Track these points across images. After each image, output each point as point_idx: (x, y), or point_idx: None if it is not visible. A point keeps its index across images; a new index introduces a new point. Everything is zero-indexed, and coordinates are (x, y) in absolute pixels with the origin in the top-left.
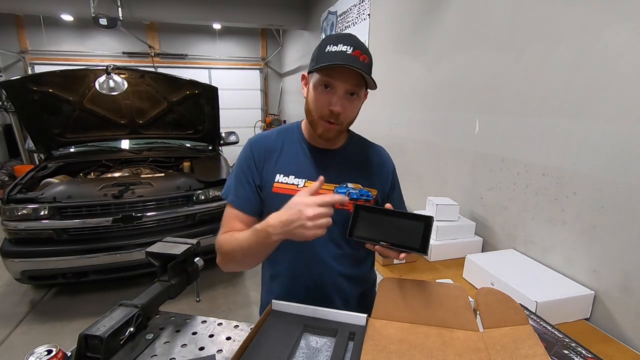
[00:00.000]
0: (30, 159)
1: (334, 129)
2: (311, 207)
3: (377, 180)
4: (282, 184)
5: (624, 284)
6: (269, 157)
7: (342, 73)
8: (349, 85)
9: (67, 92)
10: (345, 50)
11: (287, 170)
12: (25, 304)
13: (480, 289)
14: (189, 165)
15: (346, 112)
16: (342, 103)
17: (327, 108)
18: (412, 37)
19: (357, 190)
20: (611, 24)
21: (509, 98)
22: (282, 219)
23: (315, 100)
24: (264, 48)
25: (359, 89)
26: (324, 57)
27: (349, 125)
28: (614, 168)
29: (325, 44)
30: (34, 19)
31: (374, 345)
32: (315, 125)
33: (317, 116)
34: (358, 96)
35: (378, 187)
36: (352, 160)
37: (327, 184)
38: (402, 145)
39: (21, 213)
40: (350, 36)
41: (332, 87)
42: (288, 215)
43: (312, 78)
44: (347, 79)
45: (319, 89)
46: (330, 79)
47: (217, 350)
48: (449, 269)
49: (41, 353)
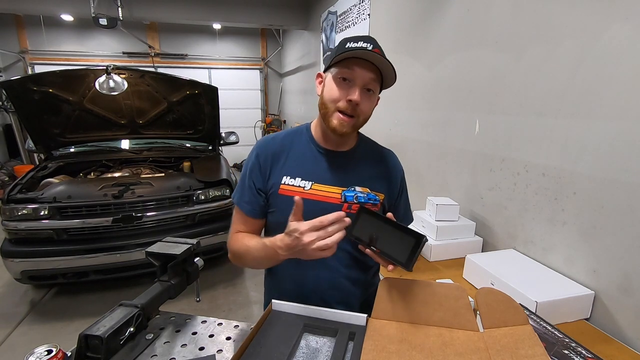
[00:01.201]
0: (30, 159)
1: (349, 122)
2: (306, 234)
3: (385, 185)
4: (289, 186)
5: (624, 284)
6: (276, 160)
7: (362, 66)
8: (367, 78)
9: (67, 92)
10: (366, 47)
11: (294, 173)
12: (25, 304)
13: (480, 289)
14: (189, 165)
15: (363, 106)
16: (360, 94)
17: (345, 99)
18: (412, 37)
19: (365, 194)
20: (611, 24)
21: (509, 98)
22: (285, 242)
23: (333, 91)
24: (264, 48)
25: (376, 85)
26: (344, 52)
27: (364, 122)
28: (614, 168)
29: (345, 42)
30: (34, 19)
31: (374, 345)
32: (329, 118)
33: (334, 107)
34: (374, 93)
35: (385, 192)
36: (361, 163)
37: (334, 187)
38: (402, 145)
39: (21, 213)
40: (370, 37)
41: (351, 80)
42: (289, 241)
43: (330, 73)
44: (366, 70)
45: (338, 81)
46: (350, 70)
47: (217, 350)
48: (449, 269)
49: (41, 353)
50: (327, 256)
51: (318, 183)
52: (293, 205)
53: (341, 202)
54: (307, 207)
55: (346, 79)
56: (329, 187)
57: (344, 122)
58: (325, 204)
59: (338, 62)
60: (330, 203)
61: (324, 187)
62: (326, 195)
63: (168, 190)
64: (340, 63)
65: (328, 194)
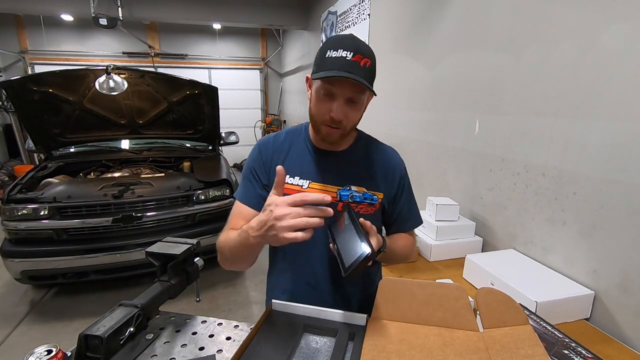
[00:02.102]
0: (30, 159)
1: (336, 133)
2: (280, 207)
3: (383, 183)
4: (289, 185)
5: (624, 284)
6: (277, 157)
7: (341, 82)
8: (348, 93)
9: (67, 92)
10: (345, 56)
11: (293, 171)
12: (25, 304)
13: (480, 289)
14: (189, 165)
15: (348, 118)
16: (342, 110)
17: (328, 114)
18: (412, 37)
19: (361, 193)
20: (611, 24)
21: (509, 98)
22: (259, 219)
23: (317, 106)
24: (264, 48)
25: (360, 95)
26: (324, 63)
27: (353, 128)
28: (614, 168)
29: (326, 49)
30: (34, 19)
31: (374, 345)
32: (318, 129)
33: (320, 121)
34: (360, 102)
35: (384, 190)
36: (358, 162)
37: (330, 186)
38: (402, 145)
39: (21, 213)
40: (352, 39)
41: (333, 95)
42: (262, 216)
43: (315, 83)
44: (346, 88)
45: (320, 96)
46: (331, 86)
47: (217, 350)
48: (449, 269)
49: (41, 353)
50: (299, 240)
51: (315, 182)
52: None
53: (337, 200)
54: None
55: (328, 93)
56: (325, 186)
57: (332, 132)
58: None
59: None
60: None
61: (320, 186)
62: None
63: (168, 190)
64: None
65: (324, 193)
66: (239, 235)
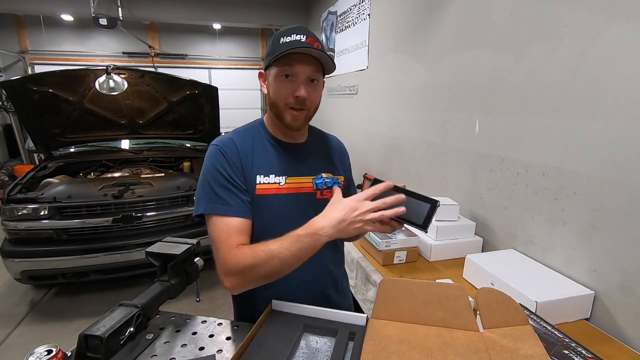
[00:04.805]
0: (30, 159)
1: (301, 115)
2: (367, 203)
3: (340, 167)
4: (265, 185)
5: (624, 284)
6: (245, 158)
7: (300, 60)
8: (308, 71)
9: (67, 92)
10: (300, 39)
11: (265, 170)
12: (25, 304)
13: (480, 289)
14: (189, 165)
15: (311, 97)
16: (305, 88)
17: (292, 96)
18: (412, 37)
19: (330, 179)
20: (611, 24)
21: (509, 98)
22: (336, 218)
23: (279, 91)
24: (264, 48)
25: (319, 74)
26: (279, 48)
27: (315, 111)
28: (614, 168)
29: (278, 38)
30: (34, 19)
31: (374, 345)
32: (282, 116)
33: (283, 105)
34: (318, 81)
35: (342, 174)
36: (319, 151)
37: (305, 177)
38: (402, 145)
39: (21, 213)
40: (301, 27)
41: (293, 75)
42: (344, 215)
43: (271, 72)
44: (306, 64)
45: (281, 79)
46: (290, 67)
47: (217, 350)
48: (449, 269)
49: (41, 353)
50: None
51: (291, 176)
52: (273, 204)
53: (314, 190)
54: (283, 201)
55: (289, 75)
56: (300, 178)
57: (297, 116)
58: (299, 195)
59: (277, 60)
60: (303, 193)
61: (296, 180)
62: (300, 186)
63: (168, 190)
64: (279, 61)
65: (301, 185)
66: (300, 242)
